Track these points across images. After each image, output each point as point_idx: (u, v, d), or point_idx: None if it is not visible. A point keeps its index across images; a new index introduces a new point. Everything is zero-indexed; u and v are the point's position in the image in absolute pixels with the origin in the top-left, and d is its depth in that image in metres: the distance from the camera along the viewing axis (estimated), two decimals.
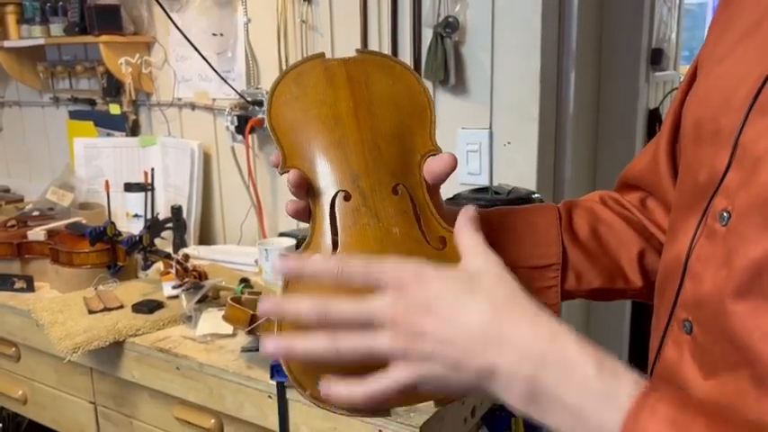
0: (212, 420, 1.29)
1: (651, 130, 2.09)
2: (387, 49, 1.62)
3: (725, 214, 0.48)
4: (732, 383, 0.46)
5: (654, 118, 2.11)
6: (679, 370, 0.53)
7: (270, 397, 1.16)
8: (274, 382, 1.13)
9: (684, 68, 2.85)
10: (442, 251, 0.54)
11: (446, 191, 1.61)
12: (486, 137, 1.54)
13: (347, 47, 1.69)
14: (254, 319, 1.21)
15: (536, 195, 1.42)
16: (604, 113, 1.89)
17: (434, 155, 0.58)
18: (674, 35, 2.36)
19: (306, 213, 0.58)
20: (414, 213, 0.55)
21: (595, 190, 0.75)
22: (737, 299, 0.46)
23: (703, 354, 0.50)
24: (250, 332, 1.23)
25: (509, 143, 1.53)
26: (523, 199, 1.40)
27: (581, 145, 1.74)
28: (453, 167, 0.57)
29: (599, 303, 1.98)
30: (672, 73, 2.38)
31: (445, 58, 1.51)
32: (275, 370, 1.11)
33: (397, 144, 0.58)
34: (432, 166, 0.57)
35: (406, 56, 1.60)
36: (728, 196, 0.48)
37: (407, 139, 0.58)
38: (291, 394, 1.13)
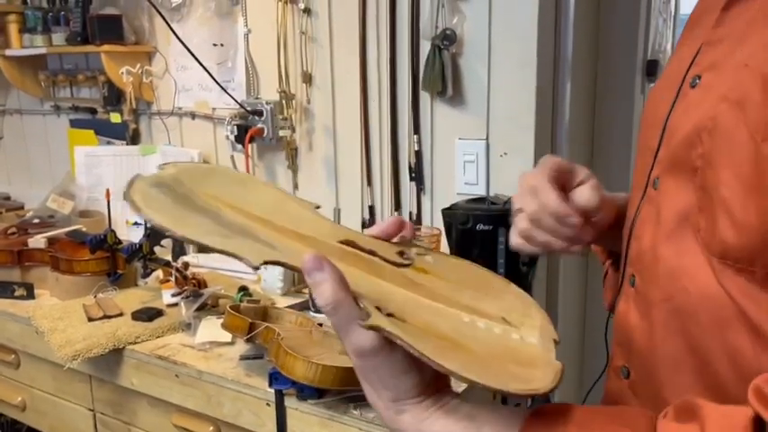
0: (210, 428, 1.30)
1: None
2: (385, 61, 1.65)
3: (656, 180, 0.59)
4: (659, 318, 0.56)
5: None
6: (626, 319, 0.62)
7: (268, 404, 1.17)
8: (273, 390, 1.15)
9: None
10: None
11: (442, 201, 1.61)
12: (483, 147, 1.56)
13: (346, 58, 1.71)
14: (252, 327, 1.23)
15: None
16: (600, 124, 1.91)
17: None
18: (669, 46, 2.38)
19: None
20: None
21: None
22: (664, 245, 0.56)
23: (641, 300, 0.60)
24: (249, 340, 1.24)
25: (505, 154, 1.55)
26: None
27: (577, 155, 1.76)
28: None
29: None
30: None
31: (443, 70, 1.53)
32: (274, 377, 1.13)
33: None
34: None
35: (404, 67, 1.62)
36: (660, 166, 0.59)
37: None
38: (290, 402, 1.14)
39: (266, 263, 0.49)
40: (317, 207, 0.58)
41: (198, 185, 0.56)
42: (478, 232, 1.38)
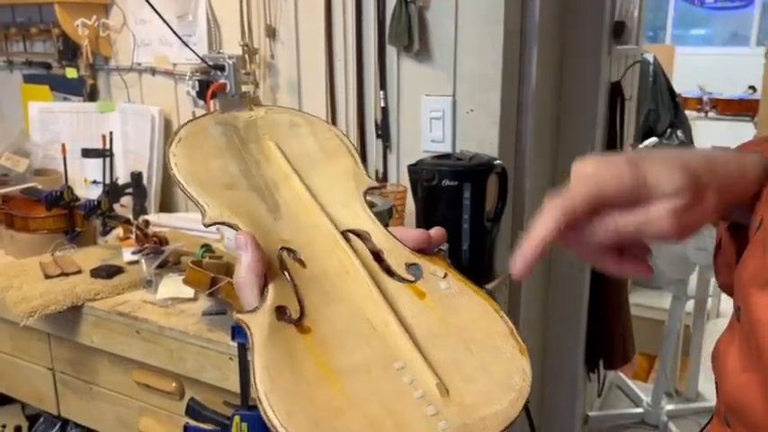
0: (173, 384, 1.28)
1: (613, 103, 2.12)
2: (351, 14, 1.61)
3: None
4: None
5: (616, 91, 2.14)
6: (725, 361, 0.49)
7: (231, 358, 1.16)
8: (236, 344, 1.13)
9: (648, 46, 2.79)
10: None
11: (409, 158, 1.60)
12: (450, 104, 1.55)
13: (311, 11, 1.66)
14: (214, 281, 1.21)
15: (497, 162, 1.43)
16: (567, 84, 1.91)
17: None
18: (636, 12, 2.39)
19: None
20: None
21: (557, 160, 0.66)
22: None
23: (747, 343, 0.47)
24: (211, 295, 1.22)
25: (472, 111, 1.54)
26: (485, 165, 1.41)
27: (543, 114, 1.76)
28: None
29: (558, 287, 2.02)
30: (634, 47, 2.41)
31: (409, 24, 1.50)
32: (236, 331, 1.11)
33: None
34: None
35: (370, 21, 1.59)
36: None
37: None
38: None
39: (216, 223, 0.50)
40: (372, 188, 0.55)
41: (271, 134, 0.56)
42: (444, 188, 1.38)
